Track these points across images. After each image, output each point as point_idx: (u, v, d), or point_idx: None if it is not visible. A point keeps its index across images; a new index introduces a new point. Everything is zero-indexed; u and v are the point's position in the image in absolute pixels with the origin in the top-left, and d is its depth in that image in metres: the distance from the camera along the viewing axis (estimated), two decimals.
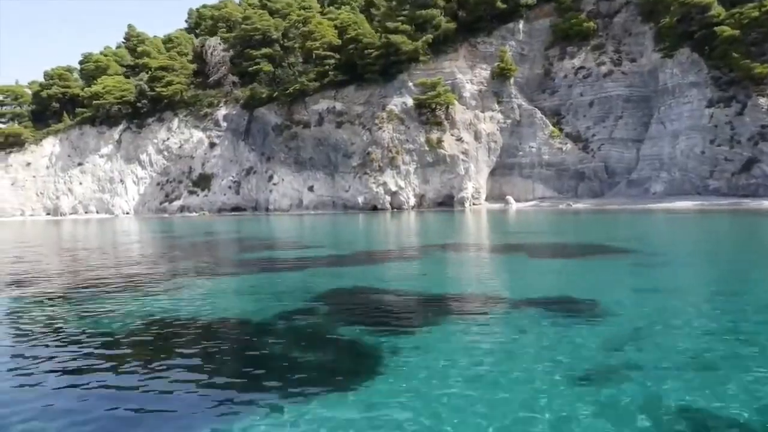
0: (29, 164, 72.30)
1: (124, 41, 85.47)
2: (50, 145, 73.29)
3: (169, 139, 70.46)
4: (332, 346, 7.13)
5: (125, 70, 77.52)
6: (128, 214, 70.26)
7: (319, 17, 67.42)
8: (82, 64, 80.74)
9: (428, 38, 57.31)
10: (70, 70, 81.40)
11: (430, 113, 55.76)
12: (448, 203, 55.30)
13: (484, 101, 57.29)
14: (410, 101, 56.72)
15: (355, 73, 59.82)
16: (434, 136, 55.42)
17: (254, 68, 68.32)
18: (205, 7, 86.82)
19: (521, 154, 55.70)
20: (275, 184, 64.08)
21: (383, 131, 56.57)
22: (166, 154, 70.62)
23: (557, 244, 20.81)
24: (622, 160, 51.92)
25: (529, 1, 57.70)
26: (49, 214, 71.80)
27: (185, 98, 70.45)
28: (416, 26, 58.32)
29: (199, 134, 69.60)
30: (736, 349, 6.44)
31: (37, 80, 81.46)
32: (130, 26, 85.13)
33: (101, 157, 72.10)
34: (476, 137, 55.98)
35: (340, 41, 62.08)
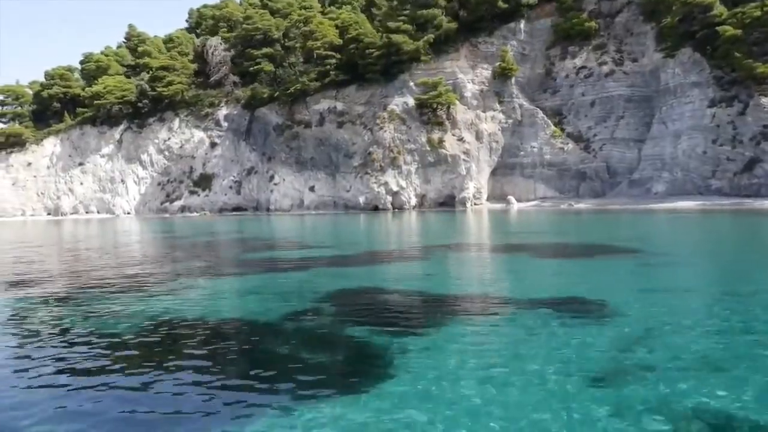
0: (30, 164, 72.30)
1: (124, 41, 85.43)
2: (51, 145, 73.29)
3: (170, 139, 70.42)
4: (341, 347, 7.10)
5: (126, 70, 77.53)
6: (129, 214, 70.24)
7: (320, 17, 67.38)
8: (82, 63, 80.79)
9: (429, 38, 57.28)
10: (70, 69, 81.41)
11: (431, 113, 55.71)
12: (449, 203, 55.25)
13: (485, 101, 57.25)
14: (411, 101, 56.67)
15: (356, 72, 59.78)
16: (435, 136, 55.37)
17: (255, 68, 68.28)
18: (205, 6, 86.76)
19: (523, 154, 55.65)
20: (276, 184, 64.04)
21: (384, 131, 56.52)
22: (167, 154, 70.59)
23: (561, 244, 20.77)
24: (623, 160, 51.87)
25: (530, 0, 57.67)
26: (49, 214, 71.79)
27: (186, 98, 70.42)
28: (417, 26, 58.31)
29: (200, 134, 69.56)
30: (749, 349, 6.41)
31: (37, 80, 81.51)
32: (130, 26, 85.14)
33: (102, 157, 72.10)
34: (477, 137, 55.94)
35: (341, 41, 62.08)
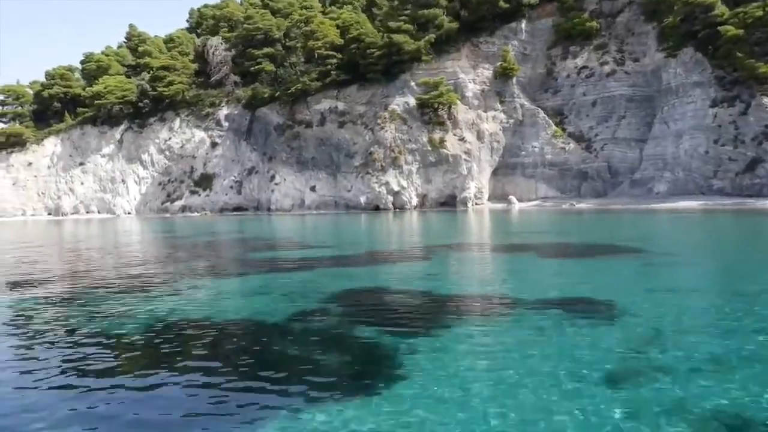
0: (30, 164, 72.22)
1: (125, 41, 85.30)
2: (52, 144, 73.20)
3: (170, 138, 70.35)
4: (350, 348, 7.05)
5: (127, 69, 77.43)
6: (130, 214, 70.17)
7: (320, 17, 67.32)
8: (83, 63, 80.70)
9: (431, 38, 57.22)
10: (71, 69, 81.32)
11: (432, 113, 55.66)
12: (450, 203, 55.20)
13: (486, 101, 57.20)
14: (413, 101, 56.62)
15: (357, 72, 59.71)
16: (437, 135, 55.32)
17: (256, 68, 68.18)
18: (206, 6, 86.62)
19: (524, 153, 55.60)
20: (277, 184, 63.98)
21: (385, 131, 56.46)
22: (167, 153, 70.52)
23: (564, 244, 20.72)
24: (625, 159, 51.82)
25: (531, 0, 57.62)
26: (50, 214, 71.71)
27: (187, 98, 70.33)
28: (418, 26, 58.28)
29: (200, 134, 69.48)
30: (761, 349, 6.37)
31: (38, 80, 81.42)
32: (131, 26, 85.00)
33: (103, 156, 72.03)
34: (479, 137, 55.89)
35: (342, 41, 62.02)
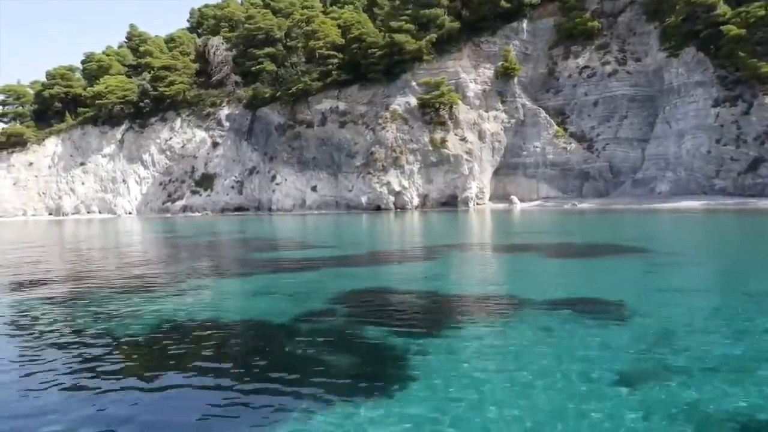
0: (31, 164, 72.24)
1: (126, 41, 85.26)
2: (52, 144, 73.22)
3: (171, 138, 70.33)
4: (360, 348, 6.99)
5: (127, 69, 77.46)
6: (131, 214, 70.15)
7: (322, 17, 67.28)
8: (84, 63, 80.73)
9: (432, 38, 57.16)
10: (72, 69, 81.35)
11: (433, 113, 55.60)
12: (451, 203, 55.14)
13: (487, 101, 57.14)
14: (414, 101, 56.56)
15: (358, 72, 59.68)
16: (438, 135, 55.26)
17: (257, 68, 68.19)
18: (207, 6, 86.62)
19: (525, 153, 55.55)
20: (278, 184, 63.93)
21: (387, 131, 56.40)
22: (168, 153, 70.49)
23: (568, 244, 20.66)
24: (627, 159, 51.76)
25: (533, 0, 57.56)
26: (51, 214, 71.72)
27: (188, 98, 70.34)
28: (420, 25, 58.23)
29: (201, 134, 69.46)
30: None
31: (39, 80, 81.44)
32: (132, 26, 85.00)
33: (104, 156, 72.02)
34: (480, 137, 55.83)
35: (343, 41, 61.98)
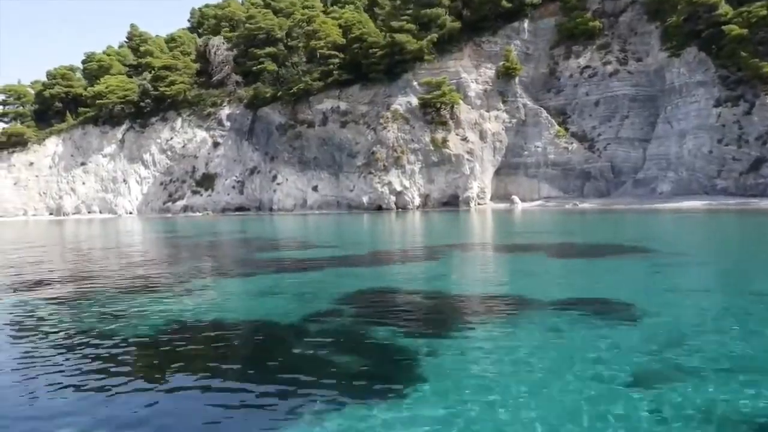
0: (32, 164, 72.19)
1: (126, 41, 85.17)
2: (53, 144, 73.17)
3: (172, 138, 70.26)
4: (370, 349, 6.93)
5: (128, 69, 77.38)
6: (131, 214, 70.08)
7: (322, 16, 67.21)
8: (84, 63, 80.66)
9: (433, 37, 57.10)
10: (72, 69, 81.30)
11: (435, 113, 55.56)
12: (453, 203, 55.09)
13: (489, 101, 57.11)
14: (415, 101, 56.52)
15: (359, 72, 59.63)
16: (439, 135, 55.22)
17: (258, 68, 68.12)
18: (207, 6, 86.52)
19: (526, 153, 55.50)
20: (279, 183, 63.88)
21: (388, 131, 56.36)
22: (169, 153, 70.43)
23: (571, 244, 20.61)
24: (628, 159, 51.71)
25: (534, 0, 57.52)
26: (51, 214, 71.66)
27: (188, 98, 70.27)
28: (421, 25, 58.18)
29: (202, 134, 69.40)
30: None
31: (39, 80, 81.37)
32: (132, 26, 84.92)
33: (104, 156, 71.96)
34: (481, 137, 55.79)
35: (344, 40, 61.93)
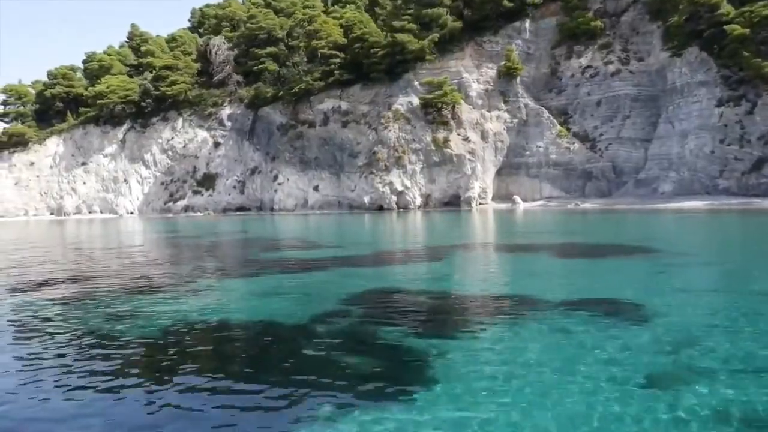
0: (33, 164, 72.13)
1: (127, 41, 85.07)
2: (54, 144, 73.09)
3: (173, 138, 70.21)
4: (379, 350, 6.88)
5: (129, 69, 77.28)
6: (132, 214, 70.03)
7: (323, 16, 67.15)
8: (85, 63, 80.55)
9: (434, 37, 57.01)
10: (73, 69, 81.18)
11: (436, 113, 55.48)
12: (454, 203, 55.02)
13: (490, 100, 57.03)
14: (416, 100, 56.45)
15: (360, 72, 59.55)
16: (440, 135, 55.14)
17: (259, 67, 68.03)
18: (208, 6, 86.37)
19: (528, 153, 55.42)
20: (280, 183, 63.81)
21: (389, 131, 56.30)
22: (170, 153, 70.37)
23: (574, 244, 20.56)
24: (630, 159, 51.62)
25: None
26: (52, 214, 71.60)
27: (189, 98, 70.16)
28: (422, 25, 58.10)
29: (203, 134, 69.34)
30: None
31: (40, 80, 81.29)
32: (133, 25, 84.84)
33: (105, 156, 71.90)
34: (483, 137, 55.71)
35: (345, 40, 61.83)
